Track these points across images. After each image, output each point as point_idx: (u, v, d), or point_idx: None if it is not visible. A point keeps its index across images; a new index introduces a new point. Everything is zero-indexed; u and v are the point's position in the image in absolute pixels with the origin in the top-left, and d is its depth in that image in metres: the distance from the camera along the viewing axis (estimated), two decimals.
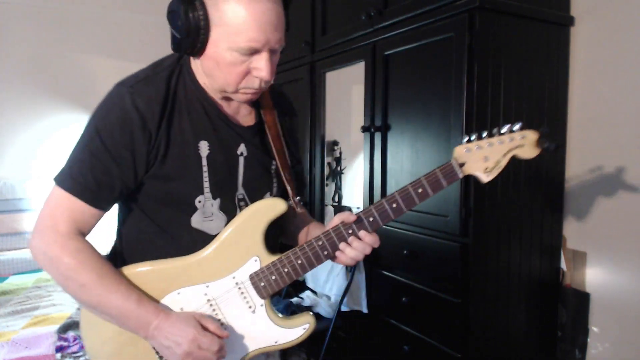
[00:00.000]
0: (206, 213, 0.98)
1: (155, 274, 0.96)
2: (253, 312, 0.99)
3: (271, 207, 0.98)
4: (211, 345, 0.90)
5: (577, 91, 1.80)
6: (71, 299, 1.86)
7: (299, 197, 1.05)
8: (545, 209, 1.79)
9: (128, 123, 0.90)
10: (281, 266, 0.98)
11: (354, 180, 2.39)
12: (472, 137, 0.91)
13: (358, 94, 2.15)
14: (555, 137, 1.79)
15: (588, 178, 1.77)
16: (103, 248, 1.00)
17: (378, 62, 1.98)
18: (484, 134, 0.91)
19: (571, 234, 1.84)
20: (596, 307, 1.77)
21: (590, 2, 1.75)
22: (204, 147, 0.96)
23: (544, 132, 0.89)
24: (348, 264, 1.01)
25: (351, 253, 0.97)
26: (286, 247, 1.02)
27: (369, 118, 2.04)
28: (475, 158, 0.91)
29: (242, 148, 1.02)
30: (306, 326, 1.01)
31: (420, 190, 0.93)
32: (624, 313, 1.68)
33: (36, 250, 0.92)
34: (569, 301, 1.81)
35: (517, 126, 0.90)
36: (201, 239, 0.98)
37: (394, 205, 0.94)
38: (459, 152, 0.92)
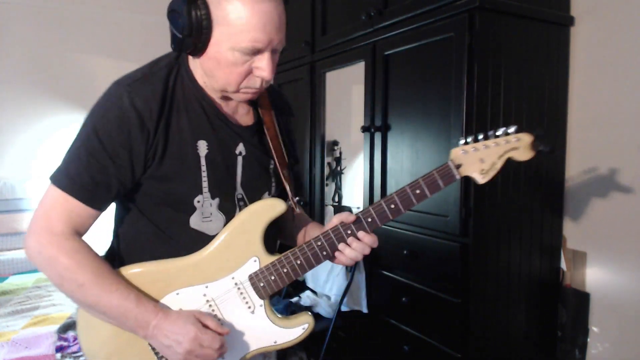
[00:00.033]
0: (205, 213, 0.97)
1: (153, 275, 0.96)
2: (252, 313, 0.99)
3: (270, 208, 0.98)
4: (212, 342, 0.90)
5: (577, 91, 1.80)
6: None
7: (298, 198, 1.05)
8: (545, 209, 1.79)
9: (126, 122, 0.89)
10: (280, 267, 0.98)
11: (354, 180, 2.39)
12: (469, 139, 0.92)
13: (358, 94, 2.14)
14: (555, 137, 1.79)
15: (588, 178, 1.77)
16: (99, 249, 0.98)
17: (378, 62, 1.98)
18: (480, 136, 0.91)
19: (571, 234, 1.84)
20: (596, 307, 1.77)
21: (590, 2, 1.75)
22: (203, 147, 0.96)
23: (539, 135, 0.90)
24: (347, 265, 1.01)
25: (350, 254, 0.97)
26: (285, 248, 1.02)
27: (369, 118, 2.04)
28: (471, 160, 0.92)
29: (241, 147, 1.01)
30: (305, 326, 1.01)
31: (418, 191, 0.94)
32: (624, 313, 1.68)
33: (32, 250, 0.91)
34: (569, 301, 1.81)
35: (513, 129, 0.90)
36: (200, 240, 0.97)
37: (392, 206, 0.95)
38: (456, 154, 0.92)
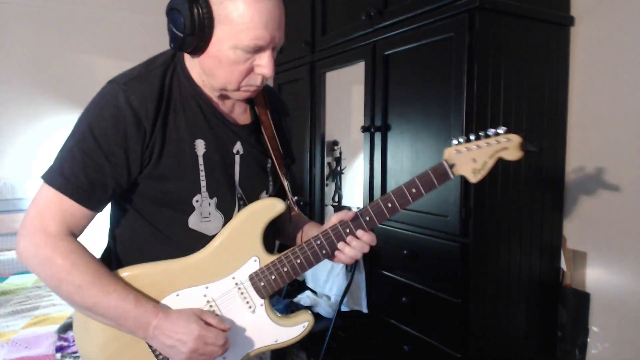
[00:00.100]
0: (204, 213, 0.97)
1: (152, 276, 0.95)
2: (253, 312, 0.99)
3: (270, 207, 0.98)
4: (217, 339, 0.89)
5: (577, 91, 1.80)
6: None
7: (297, 197, 1.05)
8: (545, 209, 1.79)
9: (122, 121, 0.88)
10: (280, 266, 0.98)
11: (354, 180, 2.39)
12: (461, 140, 0.94)
13: (358, 94, 2.15)
14: (555, 137, 1.79)
15: (588, 178, 1.77)
16: (95, 251, 0.96)
17: (378, 62, 1.98)
18: (472, 137, 0.94)
19: (571, 234, 1.84)
20: (596, 307, 1.77)
21: (590, 2, 1.75)
22: (200, 146, 0.95)
23: (526, 135, 0.93)
24: (347, 263, 1.01)
25: (350, 252, 0.97)
26: (284, 247, 1.02)
27: (369, 118, 2.04)
28: (464, 160, 0.94)
29: (238, 146, 1.01)
30: (305, 324, 1.01)
31: (414, 190, 0.95)
32: (624, 313, 1.68)
33: (25, 252, 0.88)
34: (569, 301, 1.81)
35: (502, 130, 0.93)
36: (198, 240, 0.97)
37: (389, 204, 0.96)
38: (449, 154, 0.95)
